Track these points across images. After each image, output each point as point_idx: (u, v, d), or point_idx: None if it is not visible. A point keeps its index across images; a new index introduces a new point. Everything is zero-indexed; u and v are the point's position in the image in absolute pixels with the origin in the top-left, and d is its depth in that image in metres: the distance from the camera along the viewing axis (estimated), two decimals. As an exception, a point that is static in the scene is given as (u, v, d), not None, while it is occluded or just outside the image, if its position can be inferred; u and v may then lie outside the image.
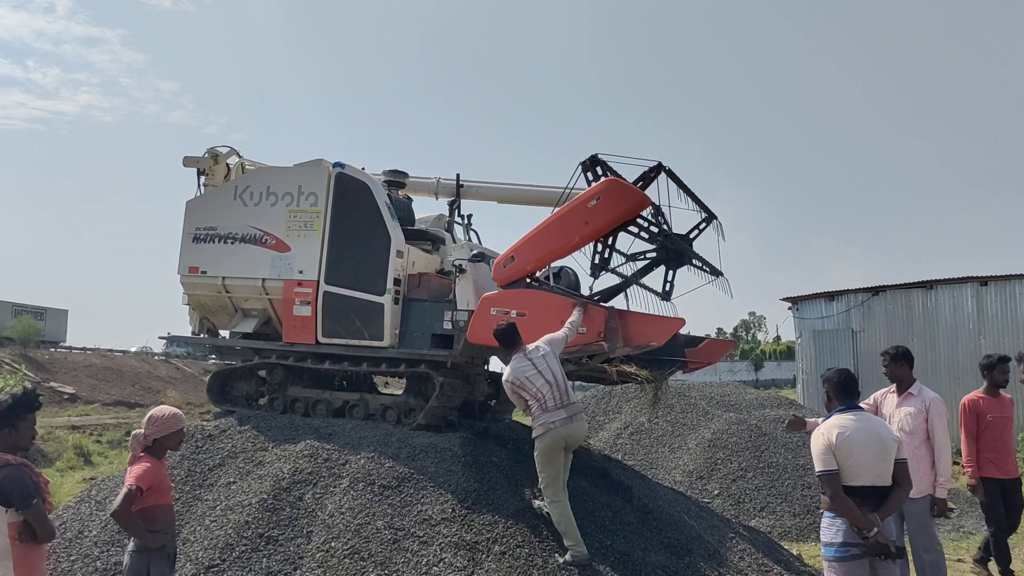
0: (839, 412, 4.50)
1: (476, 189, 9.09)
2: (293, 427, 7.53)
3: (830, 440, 4.35)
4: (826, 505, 4.36)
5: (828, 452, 4.34)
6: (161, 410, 4.77)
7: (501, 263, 7.00)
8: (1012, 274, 16.62)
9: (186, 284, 8.59)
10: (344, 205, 7.93)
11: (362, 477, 6.49)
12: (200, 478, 6.99)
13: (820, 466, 4.35)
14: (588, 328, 6.49)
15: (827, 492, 4.32)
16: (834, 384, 4.62)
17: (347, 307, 7.78)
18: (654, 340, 6.56)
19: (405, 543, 5.84)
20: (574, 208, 6.75)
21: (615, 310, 6.70)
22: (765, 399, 13.16)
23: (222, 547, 5.95)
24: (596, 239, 6.95)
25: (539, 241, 6.89)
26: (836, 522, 4.31)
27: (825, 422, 4.49)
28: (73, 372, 30.27)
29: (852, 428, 4.39)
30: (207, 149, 9.03)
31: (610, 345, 6.44)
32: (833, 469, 4.31)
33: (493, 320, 6.78)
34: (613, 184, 6.79)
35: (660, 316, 6.78)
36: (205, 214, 8.50)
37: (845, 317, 18.46)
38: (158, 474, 4.54)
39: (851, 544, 4.27)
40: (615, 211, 6.73)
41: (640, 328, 6.60)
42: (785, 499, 9.67)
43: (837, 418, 4.47)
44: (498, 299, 6.91)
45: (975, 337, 16.72)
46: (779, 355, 67.90)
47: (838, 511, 4.30)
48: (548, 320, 6.59)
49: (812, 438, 4.45)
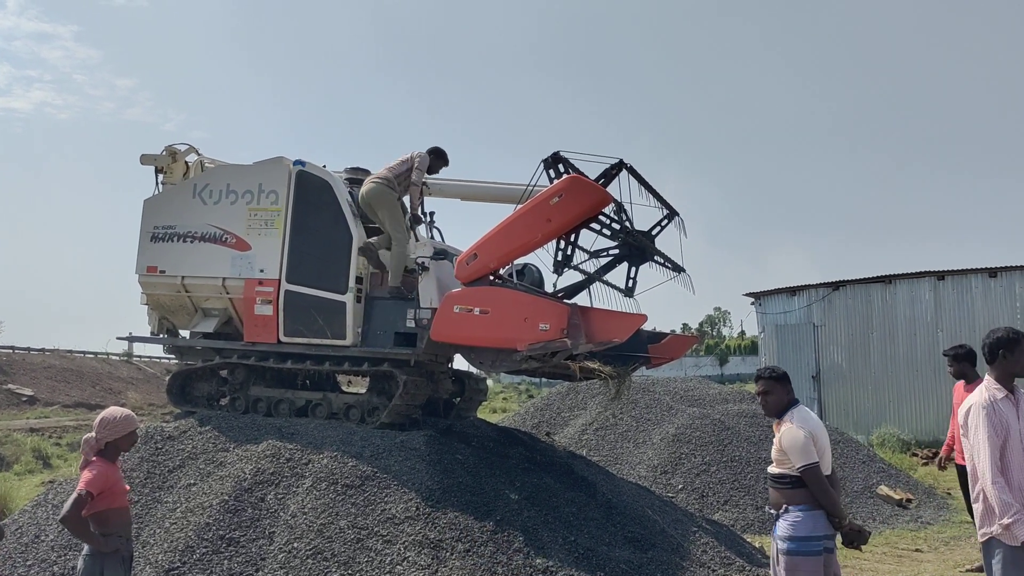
0: (796, 406, 4.54)
1: (439, 186, 9.06)
2: (255, 427, 7.46)
3: (812, 432, 4.38)
4: (799, 499, 4.35)
5: (811, 444, 4.35)
6: (112, 412, 4.67)
7: (464, 260, 6.99)
8: (968, 268, 16.99)
9: (145, 284, 8.46)
10: (305, 203, 7.86)
11: (325, 477, 6.45)
12: (160, 480, 6.90)
13: (806, 459, 4.31)
14: (551, 325, 6.51)
15: (812, 485, 4.31)
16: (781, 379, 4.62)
17: (309, 306, 7.72)
18: (616, 336, 6.59)
19: (369, 542, 5.82)
20: (536, 205, 6.76)
21: (577, 307, 6.73)
22: (729, 394, 13.31)
23: (182, 549, 5.88)
24: (559, 236, 6.97)
25: (502, 238, 6.89)
26: (812, 515, 4.32)
27: (800, 416, 4.47)
28: (32, 373, 29.66)
29: (814, 420, 4.48)
30: (165, 147, 8.90)
31: (573, 342, 6.46)
32: (816, 461, 4.34)
33: (457, 318, 6.78)
34: (575, 181, 6.81)
35: (622, 312, 6.83)
36: (164, 213, 8.37)
37: (806, 311, 18.71)
38: (110, 478, 4.47)
39: (825, 536, 4.31)
40: (577, 208, 6.75)
41: (603, 324, 6.63)
42: (748, 492, 9.78)
43: (802, 411, 4.51)
44: (461, 297, 6.90)
45: (933, 330, 17.06)
46: (744, 350, 68.71)
47: (821, 503, 4.32)
48: (511, 318, 6.61)
49: (786, 433, 4.41)
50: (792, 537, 4.31)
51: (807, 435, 4.37)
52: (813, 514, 4.33)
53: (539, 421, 12.59)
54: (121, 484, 4.63)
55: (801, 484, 4.36)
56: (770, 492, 4.59)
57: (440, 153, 8.33)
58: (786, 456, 4.40)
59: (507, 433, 8.82)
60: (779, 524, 4.40)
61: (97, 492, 4.33)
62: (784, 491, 4.43)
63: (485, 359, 6.99)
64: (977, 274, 16.87)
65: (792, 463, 4.36)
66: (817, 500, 4.33)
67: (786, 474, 4.42)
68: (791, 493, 4.39)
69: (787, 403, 4.56)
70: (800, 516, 4.34)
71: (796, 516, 4.35)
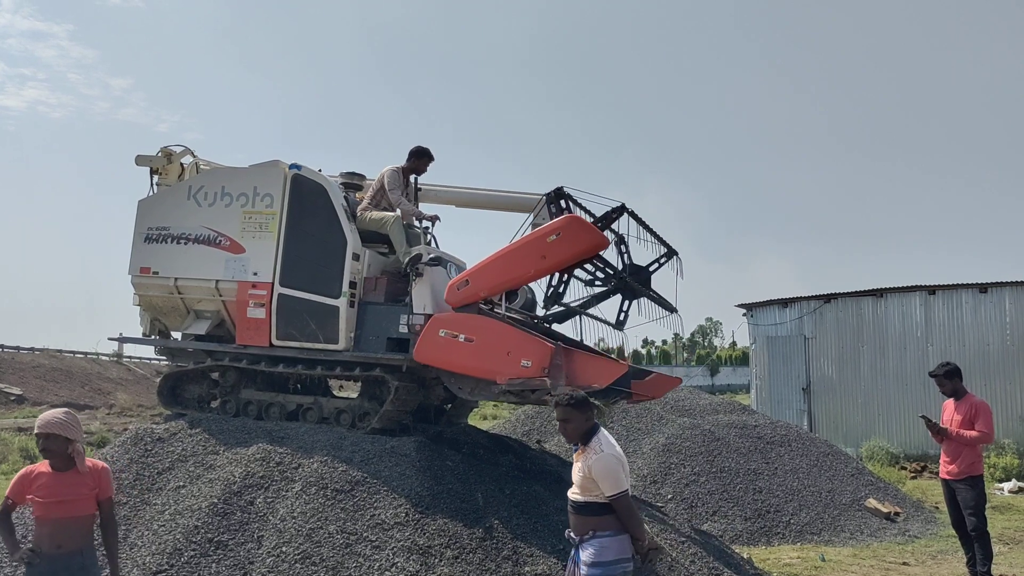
0: (599, 432, 4.51)
1: (435, 193, 9.08)
2: (245, 430, 7.45)
3: (619, 457, 4.40)
4: (607, 525, 4.34)
5: (621, 471, 4.37)
6: (40, 416, 4.40)
7: (455, 285, 7.03)
8: (959, 283, 17.07)
9: (137, 285, 8.44)
10: (300, 207, 7.87)
11: (315, 481, 6.44)
12: (148, 482, 6.88)
13: (618, 487, 4.31)
14: (533, 363, 6.54)
15: (623, 511, 4.32)
16: (580, 405, 4.53)
17: (302, 310, 7.71)
18: (596, 382, 6.62)
19: (357, 548, 5.81)
20: (533, 240, 6.82)
21: (562, 347, 6.74)
22: (719, 404, 13.34)
23: (170, 552, 5.86)
24: (551, 273, 7.05)
25: (495, 268, 6.93)
26: (618, 539, 4.33)
27: (606, 441, 4.45)
28: (20, 373, 29.53)
29: (616, 444, 4.50)
30: (161, 148, 8.89)
31: (553, 382, 6.49)
32: (627, 488, 4.37)
33: (441, 342, 6.81)
34: (573, 221, 6.89)
35: (606, 359, 6.84)
36: (158, 214, 8.36)
37: (798, 324, 18.77)
38: (30, 484, 4.27)
39: (630, 559, 4.36)
40: (573, 249, 6.80)
41: (584, 369, 6.66)
42: (737, 503, 9.80)
43: (605, 436, 4.49)
44: (448, 321, 6.94)
45: (923, 345, 17.13)
46: (735, 360, 68.73)
47: (628, 528, 4.34)
48: (495, 350, 6.67)
49: (597, 462, 4.34)
50: (598, 563, 4.29)
51: (618, 461, 4.38)
52: (619, 538, 4.34)
53: (530, 429, 12.59)
54: (62, 492, 4.28)
55: (609, 510, 4.35)
56: (572, 519, 4.52)
57: (421, 152, 8.39)
58: (595, 484, 4.35)
59: (498, 440, 8.81)
60: (583, 549, 4.37)
61: (12, 496, 4.29)
62: (591, 518, 4.39)
63: (464, 386, 7.02)
64: (967, 289, 16.95)
65: (602, 491, 4.33)
66: (624, 524, 4.34)
67: (593, 502, 4.38)
68: (598, 520, 4.37)
69: (589, 429, 4.51)
70: (607, 541, 4.33)
71: (602, 542, 4.33)
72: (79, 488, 4.33)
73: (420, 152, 8.39)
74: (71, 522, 4.30)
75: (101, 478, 4.45)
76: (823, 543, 9.19)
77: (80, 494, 4.33)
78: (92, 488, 4.38)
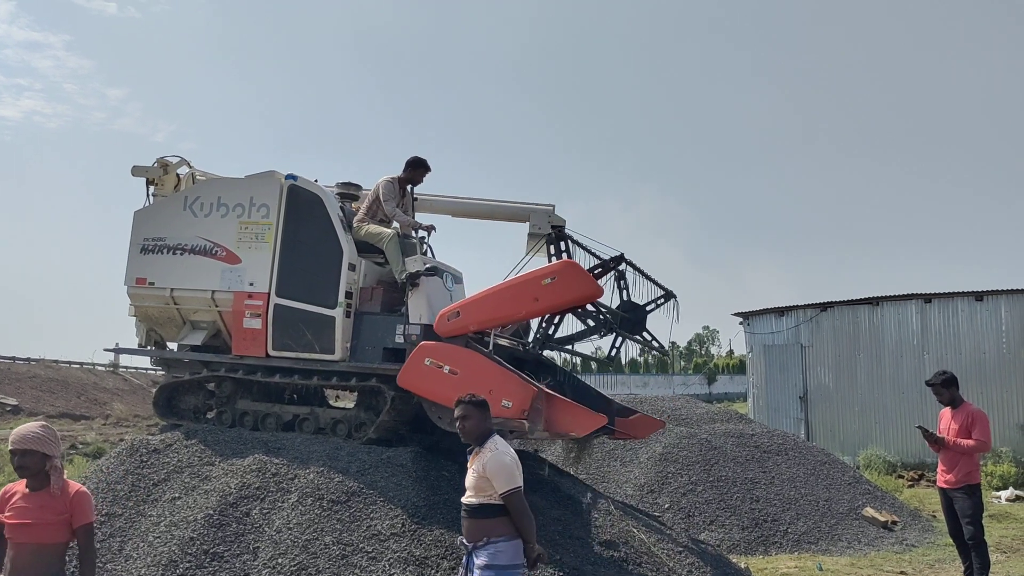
0: (494, 435, 4.58)
1: (430, 202, 9.09)
2: (241, 441, 7.43)
3: (516, 460, 4.44)
4: (501, 529, 4.35)
5: (516, 468, 4.40)
6: (14, 431, 4.05)
7: (446, 316, 7.05)
8: (955, 291, 17.12)
9: (133, 295, 8.43)
10: (296, 217, 7.88)
11: (311, 492, 6.43)
12: (144, 493, 6.86)
13: (512, 483, 4.34)
14: (514, 404, 6.54)
15: (516, 509, 4.33)
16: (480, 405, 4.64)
17: (298, 320, 7.71)
18: (575, 432, 6.66)
19: (354, 559, 5.80)
20: (527, 281, 6.87)
21: (544, 392, 6.73)
22: (716, 413, 13.34)
23: (165, 564, 5.84)
24: (543, 315, 7.10)
25: (487, 304, 6.97)
26: (512, 544, 4.34)
27: (502, 443, 4.51)
28: (16, 383, 29.43)
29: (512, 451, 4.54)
30: (157, 159, 8.89)
31: (531, 426, 6.51)
32: (521, 485, 4.38)
33: (425, 370, 6.81)
34: (570, 268, 6.95)
35: (586, 410, 6.79)
36: (154, 225, 8.36)
37: (794, 332, 18.81)
38: (13, 503, 3.96)
39: (523, 564, 4.37)
40: (567, 295, 6.84)
41: (564, 417, 6.65)
42: (734, 512, 9.79)
43: (501, 439, 4.57)
44: (435, 351, 6.93)
45: (919, 353, 17.16)
46: (732, 369, 68.76)
47: (521, 529, 4.35)
48: (478, 385, 6.61)
49: (492, 459, 4.39)
50: (492, 565, 4.29)
51: (512, 459, 4.41)
52: (513, 543, 4.35)
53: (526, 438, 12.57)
54: (25, 514, 3.92)
55: (503, 513, 4.35)
56: (466, 524, 4.51)
57: (418, 163, 8.42)
58: (488, 484, 4.37)
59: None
60: (477, 556, 4.36)
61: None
62: (484, 522, 4.39)
63: (444, 416, 6.99)
64: (963, 297, 16.99)
65: (495, 490, 4.34)
66: (517, 528, 4.35)
67: (488, 504, 4.39)
68: (492, 524, 4.37)
69: (487, 430, 4.57)
70: (501, 546, 4.33)
71: (497, 546, 4.33)
72: (47, 513, 3.92)
73: (416, 162, 8.42)
74: (36, 550, 3.90)
75: (76, 503, 3.99)
76: (820, 552, 9.18)
77: (47, 519, 3.91)
78: (62, 513, 3.94)
